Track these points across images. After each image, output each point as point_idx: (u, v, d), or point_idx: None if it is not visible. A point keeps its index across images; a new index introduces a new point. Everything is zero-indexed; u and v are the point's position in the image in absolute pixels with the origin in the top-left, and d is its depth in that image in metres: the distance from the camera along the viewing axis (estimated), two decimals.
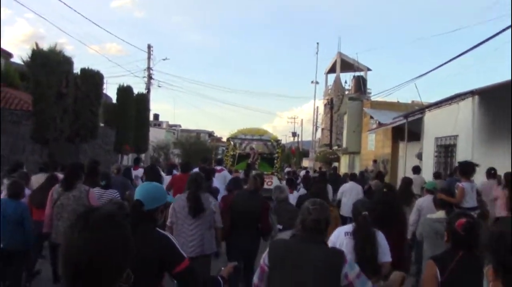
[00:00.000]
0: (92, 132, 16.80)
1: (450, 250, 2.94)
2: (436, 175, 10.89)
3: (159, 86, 28.54)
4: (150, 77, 27.32)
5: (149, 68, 27.45)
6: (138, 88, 27.09)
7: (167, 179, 8.99)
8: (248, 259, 5.45)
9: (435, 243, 4.50)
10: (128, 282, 1.35)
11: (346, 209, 9.30)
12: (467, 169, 7.32)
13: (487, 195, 8.10)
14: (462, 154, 12.40)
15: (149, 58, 27.57)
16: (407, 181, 8.38)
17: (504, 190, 7.68)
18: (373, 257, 3.64)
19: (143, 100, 25.06)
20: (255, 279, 2.88)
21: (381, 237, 3.81)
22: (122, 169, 9.33)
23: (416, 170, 12.16)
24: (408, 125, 17.87)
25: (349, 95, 31.97)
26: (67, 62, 13.62)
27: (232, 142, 17.11)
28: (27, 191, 6.13)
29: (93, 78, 16.61)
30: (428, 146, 15.24)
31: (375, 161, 21.75)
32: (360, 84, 33.17)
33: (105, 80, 17.78)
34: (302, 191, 9.42)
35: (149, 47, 27.59)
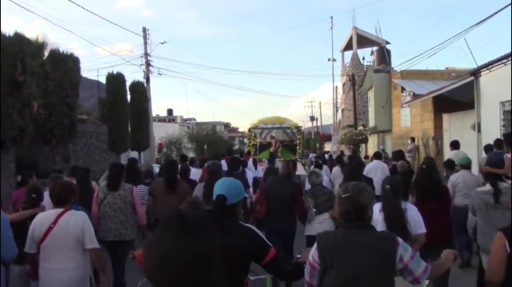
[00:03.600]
0: (70, 130, 13.73)
1: None
2: (488, 148, 8.87)
3: (160, 74, 25.45)
4: (148, 63, 24.31)
5: (146, 54, 24.44)
6: (139, 79, 23.93)
7: (197, 172, 9.68)
8: (286, 240, 5.77)
9: (486, 215, 4.63)
10: None
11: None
12: None
13: None
14: None
15: (145, 43, 24.53)
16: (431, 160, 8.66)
17: None
18: (404, 228, 3.65)
19: (140, 89, 22.02)
20: (307, 276, 2.70)
21: (413, 212, 4.03)
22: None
23: (455, 145, 10.79)
24: (448, 94, 14.92)
25: (373, 68, 28.39)
26: (20, 40, 10.41)
27: (253, 132, 17.45)
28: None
29: (65, 63, 13.35)
30: (490, 114, 12.30)
31: (413, 139, 18.87)
32: (384, 55, 29.58)
33: (97, 72, 14.96)
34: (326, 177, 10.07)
35: (144, 30, 24.50)
